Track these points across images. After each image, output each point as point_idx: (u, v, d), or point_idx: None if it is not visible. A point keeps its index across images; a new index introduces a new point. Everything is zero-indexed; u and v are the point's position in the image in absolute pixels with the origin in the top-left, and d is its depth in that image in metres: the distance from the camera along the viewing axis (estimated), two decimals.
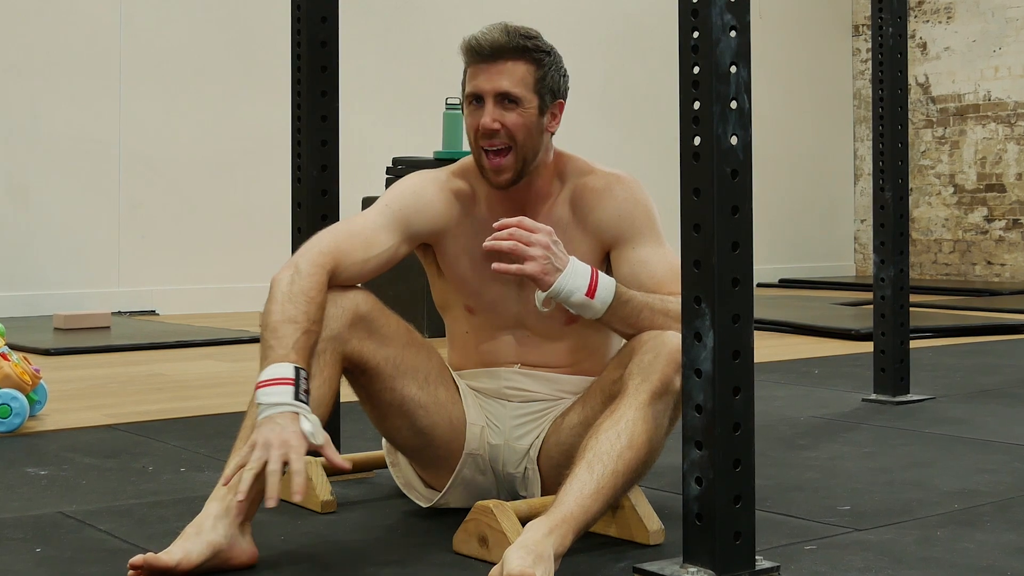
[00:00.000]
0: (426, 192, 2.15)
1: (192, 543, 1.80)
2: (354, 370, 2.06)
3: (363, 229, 2.09)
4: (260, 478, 1.81)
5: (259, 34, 6.82)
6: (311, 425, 1.84)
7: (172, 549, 1.79)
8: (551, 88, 2.10)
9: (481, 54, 2.06)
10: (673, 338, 1.95)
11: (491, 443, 2.17)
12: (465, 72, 2.11)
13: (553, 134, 2.14)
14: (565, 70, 2.14)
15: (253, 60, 6.84)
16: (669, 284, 2.06)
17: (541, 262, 1.95)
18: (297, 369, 1.87)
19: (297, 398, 1.84)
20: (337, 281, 2.03)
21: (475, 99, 2.08)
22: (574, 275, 1.97)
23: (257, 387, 1.87)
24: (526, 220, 1.98)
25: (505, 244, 1.96)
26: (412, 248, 2.15)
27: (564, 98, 2.14)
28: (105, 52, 6.45)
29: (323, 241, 2.06)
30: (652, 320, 2.02)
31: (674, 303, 2.01)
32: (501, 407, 2.17)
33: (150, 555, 1.77)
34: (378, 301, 2.09)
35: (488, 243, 1.98)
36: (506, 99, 2.06)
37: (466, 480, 2.17)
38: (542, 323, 2.15)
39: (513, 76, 2.06)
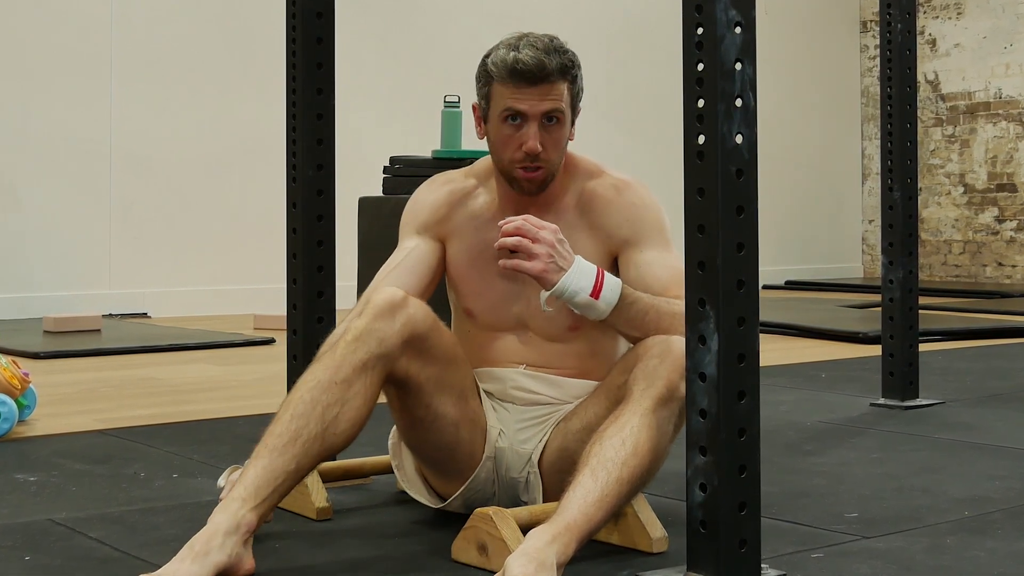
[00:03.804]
0: (421, 195, 2.22)
1: (199, 566, 1.75)
2: (394, 383, 2.02)
3: (397, 259, 2.18)
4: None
5: (254, 30, 6.79)
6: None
7: (179, 573, 1.73)
8: (580, 100, 2.13)
9: (527, 77, 2.04)
10: (679, 343, 1.94)
11: (498, 446, 2.15)
12: (489, 83, 2.09)
13: (572, 140, 2.16)
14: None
15: (248, 57, 6.81)
16: (675, 288, 2.04)
17: (544, 260, 1.95)
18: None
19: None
20: (413, 307, 2.01)
21: (513, 116, 2.07)
22: (579, 275, 1.96)
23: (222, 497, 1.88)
24: (531, 218, 1.98)
25: (510, 241, 1.95)
26: (435, 244, 2.18)
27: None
28: (97, 49, 6.41)
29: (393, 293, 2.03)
30: (658, 322, 2.00)
31: (681, 306, 1.99)
32: (506, 410, 2.16)
33: (155, 575, 1.73)
34: (436, 318, 2.05)
35: (497, 243, 1.98)
36: (550, 116, 2.07)
37: (480, 484, 2.15)
38: (545, 325, 2.14)
39: (556, 96, 2.06)
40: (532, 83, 2.05)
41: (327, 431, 1.89)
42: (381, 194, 4.87)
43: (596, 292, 1.96)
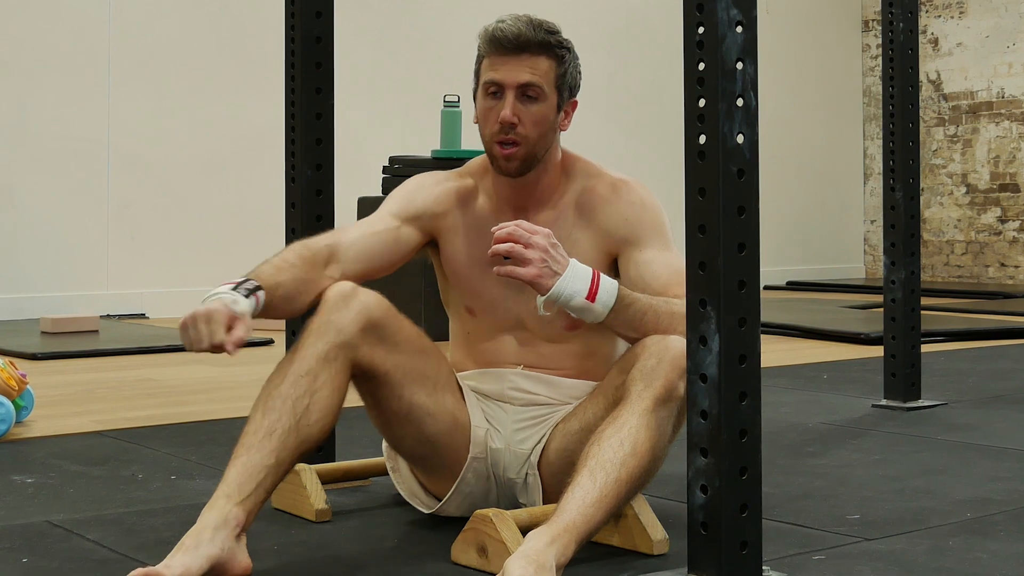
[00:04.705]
0: (426, 183, 2.21)
1: (191, 557, 1.76)
2: (362, 376, 2.02)
3: (365, 220, 2.16)
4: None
5: (252, 29, 6.78)
6: (242, 304, 1.87)
7: (172, 563, 1.74)
8: (570, 85, 2.12)
9: (504, 46, 2.06)
10: (676, 342, 1.93)
11: (492, 447, 2.14)
12: (480, 60, 2.11)
13: (564, 131, 2.14)
14: (580, 68, 2.15)
15: (246, 56, 6.79)
16: (675, 287, 2.03)
17: (538, 265, 1.93)
18: (244, 279, 1.93)
19: (236, 291, 1.89)
20: (344, 261, 2.06)
21: (494, 89, 2.08)
22: (574, 278, 1.95)
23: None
24: (524, 223, 1.96)
25: (502, 248, 1.94)
26: (418, 236, 2.16)
27: (577, 97, 2.15)
28: (93, 47, 6.39)
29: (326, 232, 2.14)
30: (657, 323, 1.98)
31: (679, 305, 1.98)
32: (502, 411, 2.15)
33: (150, 569, 1.73)
34: (391, 306, 2.05)
35: (490, 250, 1.97)
36: (527, 92, 2.06)
37: (470, 485, 2.14)
38: (543, 325, 2.13)
39: (536, 69, 2.06)
40: (509, 52, 2.05)
41: (300, 423, 1.90)
42: (380, 194, 4.86)
43: (592, 295, 1.94)
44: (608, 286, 1.96)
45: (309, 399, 1.91)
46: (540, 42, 2.06)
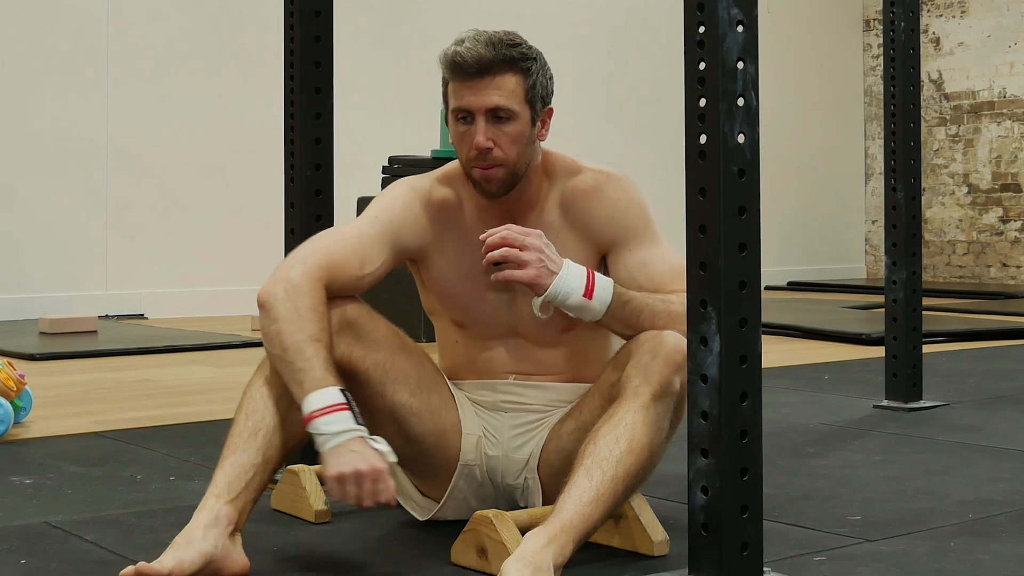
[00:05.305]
0: (415, 206, 2.09)
1: (184, 552, 1.77)
2: (342, 376, 2.00)
3: (358, 245, 2.03)
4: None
5: (251, 29, 6.77)
6: (384, 444, 1.85)
7: (164, 559, 1.76)
8: (541, 96, 2.04)
9: (466, 70, 1.98)
10: (671, 338, 1.92)
11: (489, 454, 2.13)
12: (446, 85, 2.05)
13: (543, 141, 2.09)
14: (551, 73, 2.07)
15: (245, 56, 6.79)
16: (669, 283, 2.03)
17: (536, 266, 1.93)
18: (343, 392, 1.86)
19: (357, 422, 1.85)
20: (328, 295, 1.98)
21: (463, 115, 2.01)
22: (569, 277, 1.95)
23: (311, 417, 1.84)
24: (514, 226, 1.96)
25: (497, 254, 1.93)
26: (399, 263, 2.11)
27: (551, 103, 2.08)
28: (92, 47, 6.39)
29: (317, 255, 1.99)
30: (653, 321, 1.98)
31: (675, 302, 1.98)
32: (497, 419, 2.13)
33: (142, 564, 1.73)
34: (365, 305, 2.05)
35: (485, 259, 1.95)
36: (497, 114, 1.99)
37: (464, 492, 2.13)
38: (537, 331, 2.11)
39: (503, 90, 1.99)
40: (472, 76, 1.98)
41: (284, 420, 1.91)
42: None
43: (588, 292, 1.94)
44: (604, 283, 1.96)
45: (290, 398, 1.91)
46: (503, 59, 1.98)
